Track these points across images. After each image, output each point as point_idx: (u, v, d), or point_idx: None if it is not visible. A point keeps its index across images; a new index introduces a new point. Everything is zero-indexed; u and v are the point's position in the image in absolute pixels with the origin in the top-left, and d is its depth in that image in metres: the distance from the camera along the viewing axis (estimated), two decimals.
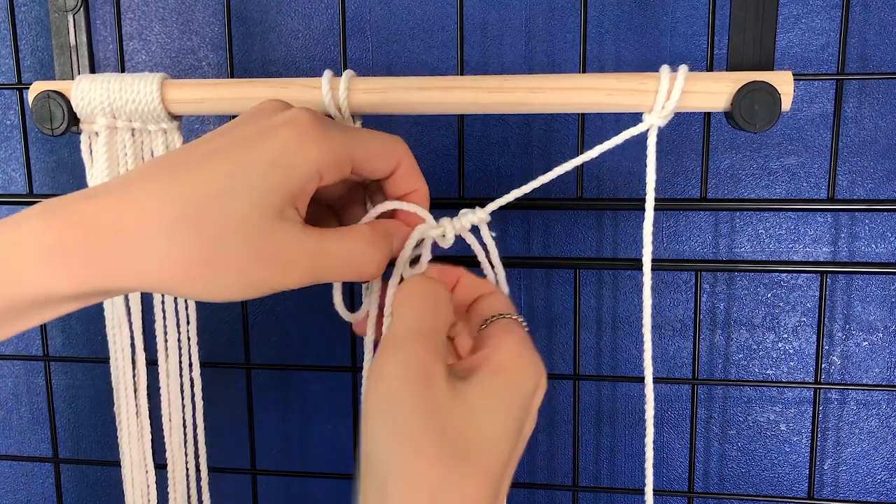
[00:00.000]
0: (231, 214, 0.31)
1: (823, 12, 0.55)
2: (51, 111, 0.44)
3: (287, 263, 0.32)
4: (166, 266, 0.30)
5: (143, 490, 0.49)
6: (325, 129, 0.33)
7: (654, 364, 0.60)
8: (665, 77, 0.39)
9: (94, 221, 0.30)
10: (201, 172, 0.31)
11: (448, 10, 0.58)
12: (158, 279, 0.31)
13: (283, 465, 0.66)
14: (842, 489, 0.61)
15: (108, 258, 0.30)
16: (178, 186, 0.31)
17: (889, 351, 0.58)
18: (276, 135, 0.32)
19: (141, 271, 0.30)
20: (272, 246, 0.31)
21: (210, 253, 0.30)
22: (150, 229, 0.30)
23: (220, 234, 0.30)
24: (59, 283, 0.30)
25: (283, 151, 0.32)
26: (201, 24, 0.61)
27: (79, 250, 0.30)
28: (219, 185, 0.31)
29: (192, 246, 0.30)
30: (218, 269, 0.31)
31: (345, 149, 0.33)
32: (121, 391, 0.47)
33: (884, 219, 0.57)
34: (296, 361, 0.65)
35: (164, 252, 0.30)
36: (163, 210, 0.30)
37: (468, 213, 0.39)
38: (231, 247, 0.31)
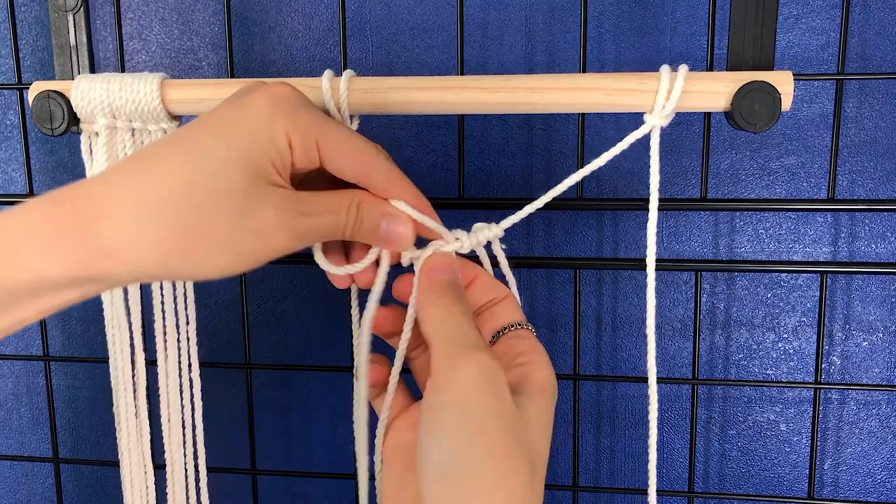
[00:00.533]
0: (215, 187, 0.32)
1: (823, 12, 0.55)
2: (51, 111, 0.44)
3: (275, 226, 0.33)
4: (156, 244, 0.31)
5: (143, 490, 0.49)
6: (296, 105, 0.34)
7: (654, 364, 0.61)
8: (665, 77, 0.39)
9: (85, 206, 0.31)
10: (185, 150, 0.33)
11: (448, 10, 0.58)
12: (151, 257, 0.31)
13: (283, 465, 0.66)
14: (842, 489, 0.61)
15: (100, 240, 0.31)
16: (163, 166, 0.32)
17: (889, 351, 0.58)
18: (251, 104, 0.34)
19: (133, 251, 0.31)
20: (260, 209, 0.32)
21: (199, 227, 0.31)
22: (138, 209, 0.31)
23: (209, 205, 0.32)
24: (54, 266, 0.31)
25: (257, 119, 0.33)
26: (201, 24, 0.61)
27: (71, 233, 0.31)
28: (201, 159, 0.32)
29: (181, 220, 0.31)
30: (208, 242, 0.32)
31: (311, 128, 0.34)
32: (120, 391, 0.47)
33: (884, 219, 0.57)
34: (296, 361, 0.65)
35: (154, 230, 0.31)
36: (149, 189, 0.31)
37: (484, 229, 0.39)
38: (220, 218, 0.32)
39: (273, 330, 0.65)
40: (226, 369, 0.64)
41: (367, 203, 0.36)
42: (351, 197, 0.36)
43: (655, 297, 0.41)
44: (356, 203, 0.36)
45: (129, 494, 0.49)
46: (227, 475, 0.59)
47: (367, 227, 0.37)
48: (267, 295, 0.64)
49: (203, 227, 0.32)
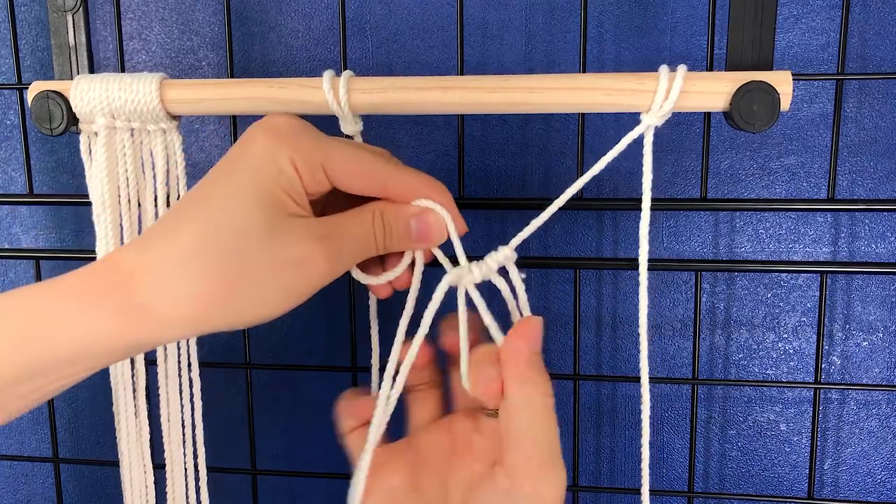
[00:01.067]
0: (238, 226, 0.32)
1: (823, 12, 0.55)
2: (50, 111, 0.44)
3: (305, 264, 0.33)
4: (193, 298, 0.31)
5: (142, 490, 0.49)
6: (295, 132, 0.35)
7: (654, 364, 0.61)
8: (664, 77, 0.39)
9: (126, 267, 0.32)
10: (201, 202, 0.33)
11: (448, 10, 0.58)
12: (193, 313, 0.31)
13: (283, 465, 0.66)
14: (842, 489, 0.61)
15: (142, 299, 0.31)
16: (190, 220, 0.32)
17: (889, 351, 0.58)
18: (252, 141, 0.34)
19: (173, 310, 0.31)
20: (285, 250, 0.32)
21: (229, 269, 0.32)
22: (172, 265, 0.31)
23: (234, 248, 0.32)
24: (101, 329, 0.31)
25: (260, 154, 0.34)
26: (201, 24, 0.61)
27: (115, 294, 0.31)
28: (222, 203, 0.32)
29: (211, 269, 0.31)
30: (244, 285, 0.32)
31: (313, 153, 0.34)
32: (119, 391, 0.47)
33: (884, 219, 0.57)
34: (296, 361, 0.65)
35: (189, 281, 0.31)
36: (180, 244, 0.32)
37: (493, 255, 0.38)
38: (248, 255, 0.32)
39: (273, 330, 0.65)
40: (226, 369, 0.64)
41: (389, 210, 0.36)
42: (372, 209, 0.36)
43: (656, 298, 0.41)
44: (379, 213, 0.36)
45: (129, 494, 0.49)
46: (227, 475, 0.59)
47: (397, 233, 0.36)
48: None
49: (235, 271, 0.32)
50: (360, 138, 0.42)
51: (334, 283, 0.41)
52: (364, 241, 0.36)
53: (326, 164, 0.35)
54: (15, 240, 0.67)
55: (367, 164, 0.36)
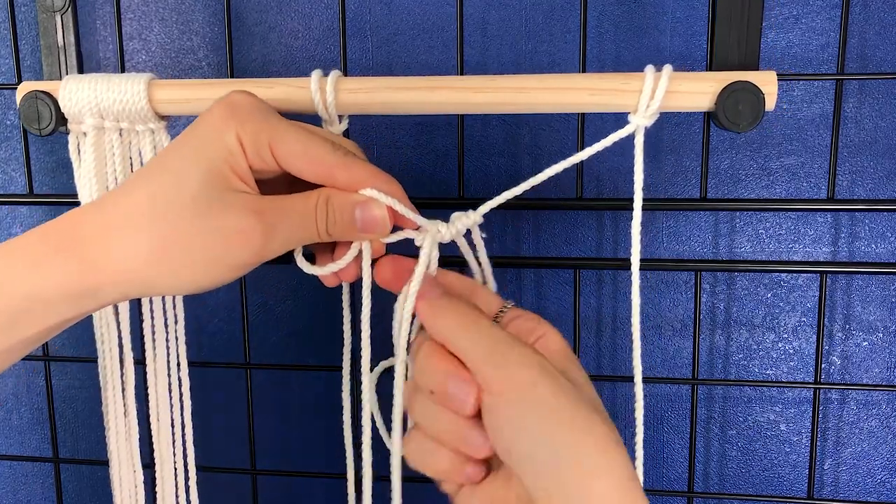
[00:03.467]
0: (181, 195, 0.34)
1: (823, 12, 0.55)
2: (38, 111, 0.44)
3: (239, 235, 0.34)
4: (133, 255, 0.33)
5: (131, 489, 0.49)
6: (248, 110, 0.35)
7: (654, 364, 0.61)
8: (649, 77, 0.39)
9: (80, 227, 0.34)
10: (152, 168, 0.35)
11: (448, 10, 0.58)
12: (130, 269, 0.34)
13: (283, 465, 0.66)
14: (842, 489, 0.61)
15: (89, 256, 0.34)
16: (142, 184, 0.35)
17: (889, 351, 0.58)
18: (208, 115, 0.36)
19: (116, 265, 0.34)
20: (222, 219, 0.34)
21: (167, 234, 0.33)
22: (118, 225, 0.34)
23: (173, 215, 0.33)
24: (53, 280, 0.33)
25: (209, 129, 0.35)
26: (201, 24, 0.61)
27: (65, 251, 0.34)
28: (169, 172, 0.34)
29: (152, 232, 0.33)
30: (178, 250, 0.34)
31: (262, 132, 0.35)
32: (109, 391, 0.47)
33: (884, 219, 0.57)
34: (296, 361, 0.65)
35: (131, 242, 0.34)
36: (128, 206, 0.34)
37: (462, 217, 0.39)
38: (185, 224, 0.33)
39: (273, 330, 0.65)
40: (226, 369, 0.64)
41: (335, 197, 0.36)
42: (318, 193, 0.36)
43: (656, 298, 0.41)
44: (324, 198, 0.36)
45: (119, 493, 0.49)
46: (227, 475, 0.59)
47: (341, 222, 0.37)
48: (267, 295, 0.64)
49: (171, 235, 0.33)
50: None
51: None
52: (304, 224, 0.36)
53: (273, 145, 0.35)
54: None
55: (314, 149, 0.36)
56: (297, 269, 0.41)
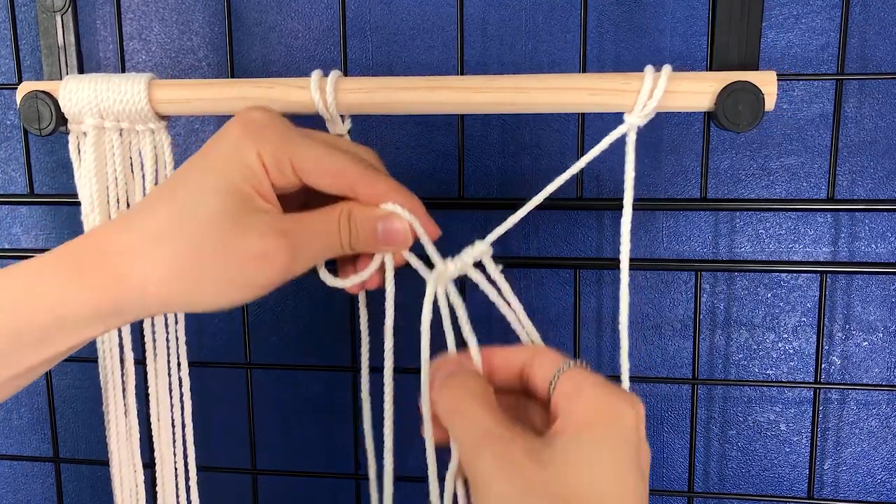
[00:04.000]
0: (203, 215, 0.33)
1: (823, 12, 0.55)
2: (38, 111, 0.44)
3: (264, 256, 0.34)
4: (158, 274, 0.33)
5: (132, 489, 0.49)
6: (265, 126, 0.35)
7: (654, 364, 0.61)
8: (648, 77, 0.39)
9: (105, 246, 0.34)
10: (181, 186, 0.35)
11: (448, 10, 0.58)
12: (154, 288, 0.33)
13: (283, 465, 0.66)
14: (842, 489, 0.61)
15: (117, 274, 0.33)
16: (165, 202, 0.35)
17: (889, 351, 0.58)
18: (226, 133, 0.35)
19: (142, 282, 0.33)
20: (245, 241, 0.33)
21: (192, 255, 0.33)
22: (143, 244, 0.34)
23: (198, 236, 0.33)
24: (79, 300, 0.33)
25: (227, 148, 0.35)
26: (201, 24, 0.61)
27: (92, 270, 0.34)
28: (191, 192, 0.34)
29: (176, 251, 0.33)
30: (202, 269, 0.33)
31: (282, 149, 0.35)
32: (109, 391, 0.47)
33: (884, 219, 0.57)
34: (296, 361, 0.65)
35: (157, 261, 0.33)
36: (152, 226, 0.34)
37: (468, 250, 0.38)
38: (209, 244, 0.33)
39: (273, 330, 0.65)
40: (226, 369, 0.64)
41: (357, 211, 0.37)
42: (340, 209, 0.36)
43: (656, 298, 0.41)
44: (346, 214, 0.36)
45: (119, 493, 0.49)
46: (228, 475, 0.59)
47: (364, 235, 0.37)
48: (267, 295, 0.64)
49: (194, 256, 0.33)
50: (349, 138, 0.42)
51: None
52: (328, 240, 0.36)
53: (294, 161, 0.35)
54: (15, 240, 0.67)
55: (335, 163, 0.36)
56: None
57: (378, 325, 0.41)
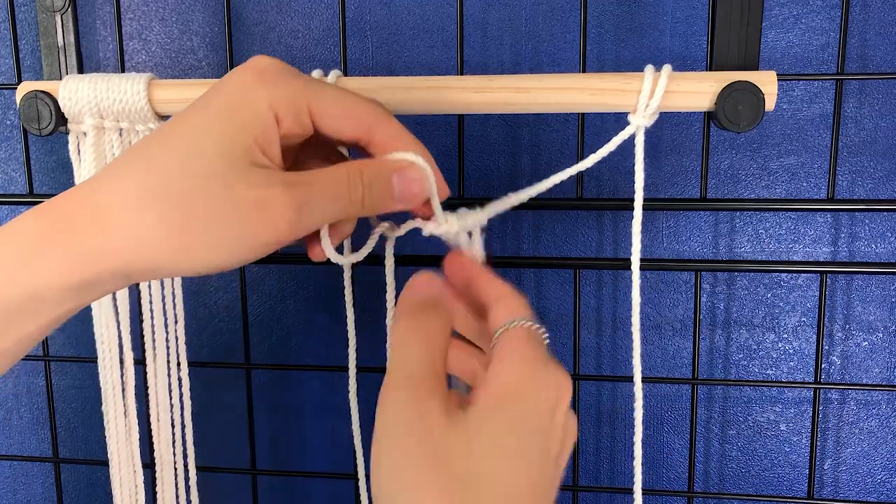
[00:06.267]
0: (197, 172, 0.30)
1: (823, 12, 0.55)
2: (38, 111, 0.44)
3: (268, 208, 0.30)
4: (146, 241, 0.30)
5: (131, 489, 0.49)
6: (279, 73, 0.32)
7: (654, 364, 0.61)
8: (648, 77, 0.39)
9: (75, 211, 0.30)
10: (166, 142, 0.31)
11: (448, 10, 0.58)
12: (142, 255, 0.30)
13: (283, 465, 0.66)
14: (842, 489, 0.61)
15: (91, 244, 0.30)
16: (146, 161, 0.31)
17: (889, 351, 0.58)
18: (228, 82, 0.32)
19: (124, 251, 0.30)
20: (248, 192, 0.30)
21: (184, 216, 0.30)
22: (124, 208, 0.30)
23: (191, 194, 0.30)
24: (49, 275, 0.30)
25: (235, 96, 0.32)
26: (201, 24, 0.61)
27: (63, 240, 0.30)
28: (181, 147, 0.31)
29: (165, 213, 0.30)
30: (196, 231, 0.30)
31: (300, 94, 0.32)
32: (108, 391, 0.47)
33: (884, 219, 0.57)
34: (296, 361, 0.65)
35: (142, 227, 0.30)
36: (133, 187, 0.30)
37: (473, 214, 0.38)
38: (203, 204, 0.30)
39: (273, 330, 0.65)
40: (226, 369, 0.64)
41: (369, 167, 0.34)
42: (349, 166, 0.33)
43: (656, 298, 0.41)
44: (357, 170, 0.33)
45: (119, 493, 0.49)
46: (227, 475, 0.59)
47: (378, 192, 0.34)
48: (267, 295, 0.64)
49: (185, 216, 0.30)
50: None
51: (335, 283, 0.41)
52: (338, 198, 0.33)
53: (313, 105, 0.33)
54: None
55: (355, 105, 0.34)
56: (298, 269, 0.41)
57: (375, 325, 0.41)
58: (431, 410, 0.30)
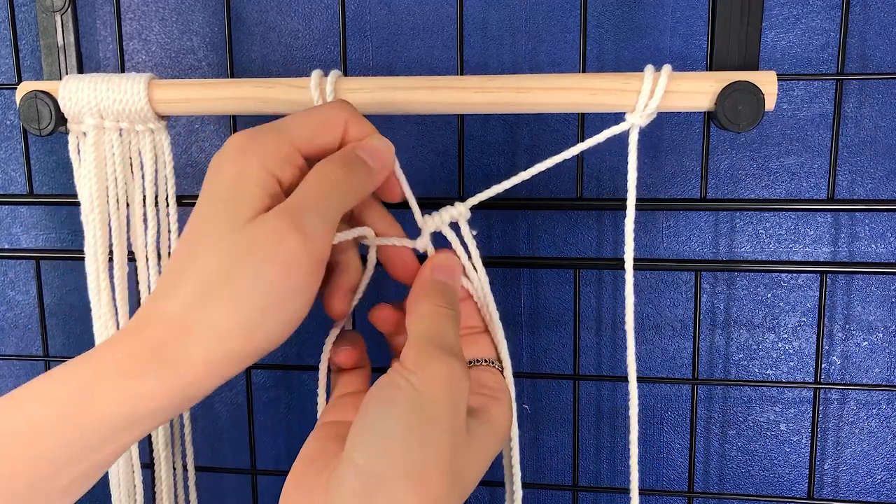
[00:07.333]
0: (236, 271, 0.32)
1: (823, 12, 0.55)
2: (38, 111, 0.44)
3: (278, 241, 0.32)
4: (233, 327, 0.31)
5: (130, 489, 0.49)
6: (254, 136, 0.34)
7: (654, 364, 0.61)
8: (648, 77, 0.39)
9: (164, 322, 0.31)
10: (199, 237, 0.33)
11: (448, 10, 0.58)
12: (234, 342, 0.31)
13: (283, 465, 0.66)
14: (842, 489, 0.61)
15: (181, 351, 0.31)
16: (196, 261, 0.32)
17: (889, 351, 0.58)
18: (218, 167, 0.34)
19: (214, 349, 0.31)
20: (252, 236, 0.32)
21: (246, 296, 0.31)
22: (193, 314, 0.31)
23: (246, 278, 0.31)
24: (147, 389, 0.31)
25: (230, 176, 0.33)
26: (201, 24, 0.61)
27: (157, 356, 0.31)
28: (211, 241, 0.32)
29: (219, 299, 0.31)
30: (247, 303, 0.31)
31: (284, 141, 0.34)
32: None
33: (884, 219, 0.57)
34: (296, 361, 0.65)
35: (223, 317, 0.31)
36: (197, 288, 0.32)
37: (448, 208, 0.39)
38: (231, 270, 0.31)
39: None
40: None
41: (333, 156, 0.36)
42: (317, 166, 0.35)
43: (656, 298, 0.41)
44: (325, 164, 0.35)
45: (117, 493, 0.49)
46: (227, 475, 0.59)
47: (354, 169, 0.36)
48: None
49: (242, 301, 0.31)
50: None
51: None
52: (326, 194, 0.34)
53: (295, 142, 0.34)
54: (15, 240, 0.67)
55: (322, 113, 0.36)
56: None
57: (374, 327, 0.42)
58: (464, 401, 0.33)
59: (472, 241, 0.39)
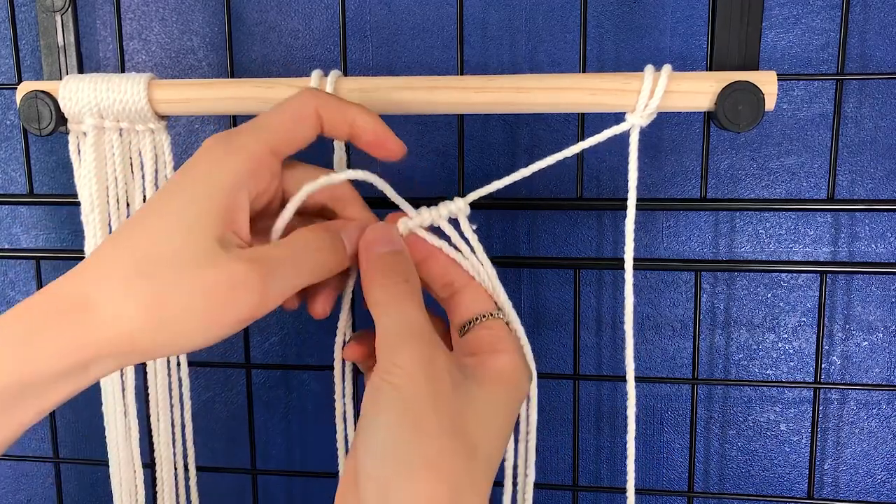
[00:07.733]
0: (170, 255, 0.31)
1: (823, 12, 0.55)
2: (38, 111, 0.44)
3: (236, 287, 0.31)
4: (127, 321, 0.31)
5: (131, 489, 0.49)
6: (230, 141, 0.34)
7: (654, 364, 0.61)
8: (648, 77, 0.39)
9: (66, 294, 0.31)
10: (144, 224, 0.33)
11: (448, 10, 0.58)
12: (125, 336, 0.31)
13: (283, 465, 0.66)
14: (842, 489, 0.61)
15: (81, 327, 0.31)
16: (127, 242, 0.32)
17: (889, 351, 0.58)
18: (190, 167, 0.34)
19: (110, 332, 0.31)
20: (216, 275, 0.31)
21: (160, 297, 0.31)
22: (108, 290, 0.31)
23: (165, 276, 0.31)
24: (42, 361, 0.30)
25: (196, 180, 0.33)
26: (201, 24, 0.61)
27: (55, 325, 0.30)
28: (156, 230, 0.32)
29: (143, 294, 0.31)
30: (172, 311, 0.31)
31: (261, 144, 0.34)
32: (108, 390, 0.47)
33: (884, 219, 0.57)
34: (296, 361, 0.65)
35: (122, 307, 0.31)
36: (115, 269, 0.31)
37: (446, 203, 0.39)
38: (177, 291, 0.31)
39: (273, 330, 0.65)
40: (226, 369, 0.64)
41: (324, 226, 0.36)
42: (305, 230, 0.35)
43: (656, 298, 0.41)
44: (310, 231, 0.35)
45: (118, 493, 0.49)
46: (227, 475, 0.59)
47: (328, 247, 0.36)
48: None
49: (166, 303, 0.31)
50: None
51: None
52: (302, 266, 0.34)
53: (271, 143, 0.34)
54: (15, 240, 0.67)
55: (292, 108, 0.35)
56: None
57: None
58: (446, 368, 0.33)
59: (474, 236, 0.39)
